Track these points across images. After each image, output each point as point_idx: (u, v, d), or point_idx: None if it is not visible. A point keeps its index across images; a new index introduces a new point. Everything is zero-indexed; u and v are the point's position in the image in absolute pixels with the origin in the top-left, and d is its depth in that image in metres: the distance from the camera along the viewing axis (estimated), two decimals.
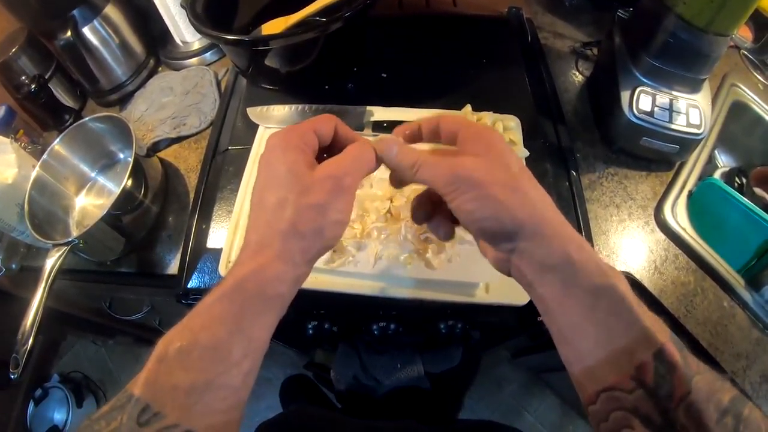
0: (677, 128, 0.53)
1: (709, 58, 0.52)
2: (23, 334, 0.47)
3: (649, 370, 0.21)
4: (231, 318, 0.23)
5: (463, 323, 0.49)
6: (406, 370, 0.56)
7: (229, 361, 0.22)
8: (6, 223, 0.57)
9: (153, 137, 0.64)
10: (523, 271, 0.25)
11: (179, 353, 0.22)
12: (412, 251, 0.43)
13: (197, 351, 0.22)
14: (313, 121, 0.27)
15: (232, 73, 0.66)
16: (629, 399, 0.21)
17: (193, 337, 0.22)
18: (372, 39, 0.61)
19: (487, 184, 0.24)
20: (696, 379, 0.21)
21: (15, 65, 0.66)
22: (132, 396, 0.21)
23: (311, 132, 0.27)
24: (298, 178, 0.24)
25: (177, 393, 0.21)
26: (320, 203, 0.24)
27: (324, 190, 0.24)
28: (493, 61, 0.62)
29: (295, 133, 0.26)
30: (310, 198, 0.24)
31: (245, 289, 0.23)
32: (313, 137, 0.27)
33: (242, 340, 0.23)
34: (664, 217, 0.54)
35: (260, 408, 1.14)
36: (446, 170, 0.25)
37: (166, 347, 0.22)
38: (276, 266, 0.24)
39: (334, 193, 0.25)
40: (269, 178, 0.25)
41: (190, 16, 0.54)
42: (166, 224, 0.58)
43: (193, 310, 0.23)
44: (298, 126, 0.27)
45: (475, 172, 0.24)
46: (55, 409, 1.16)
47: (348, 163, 0.26)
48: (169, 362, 0.21)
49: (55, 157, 0.59)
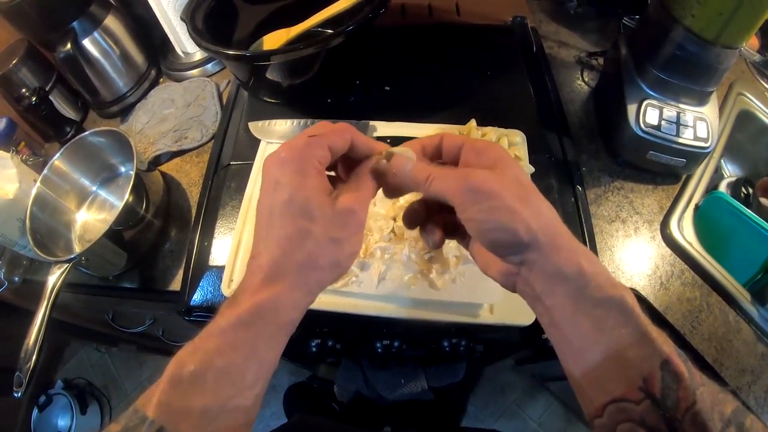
0: (684, 142, 0.53)
1: (717, 70, 0.51)
2: (26, 352, 0.47)
3: (657, 380, 0.21)
4: (246, 344, 0.23)
5: (467, 341, 0.48)
6: (410, 386, 0.56)
7: (243, 385, 0.22)
8: (8, 238, 0.56)
9: (154, 150, 0.63)
10: (533, 283, 0.24)
11: (193, 377, 0.22)
12: (416, 271, 0.43)
13: (212, 375, 0.22)
14: (328, 137, 0.26)
15: (233, 84, 0.66)
16: (637, 410, 0.21)
17: (207, 361, 0.22)
18: (375, 49, 0.60)
19: (500, 194, 0.24)
20: (700, 390, 0.21)
21: (15, 77, 0.66)
22: (146, 418, 0.21)
23: (326, 149, 0.26)
24: (320, 210, 0.24)
25: (191, 416, 0.21)
26: (341, 238, 0.24)
27: (345, 224, 0.25)
28: (497, 72, 0.61)
29: (314, 156, 0.25)
30: (331, 232, 0.24)
31: (261, 317, 0.23)
32: (328, 155, 0.26)
33: (255, 365, 0.23)
34: (670, 231, 0.54)
35: (265, 415, 1.14)
36: (459, 182, 0.25)
37: (180, 369, 0.22)
38: (292, 296, 0.24)
39: (353, 227, 0.25)
40: (287, 203, 0.24)
41: (190, 29, 0.53)
42: (168, 239, 0.58)
43: (205, 331, 0.23)
44: (313, 143, 0.25)
45: (487, 183, 0.24)
46: (59, 415, 1.17)
47: (366, 195, 0.26)
48: (184, 385, 0.22)
49: (55, 172, 0.58)
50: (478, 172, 0.25)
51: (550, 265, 0.23)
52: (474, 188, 0.24)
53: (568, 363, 0.25)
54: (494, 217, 0.24)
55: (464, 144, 0.27)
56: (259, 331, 0.23)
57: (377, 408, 0.65)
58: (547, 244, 0.23)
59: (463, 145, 0.27)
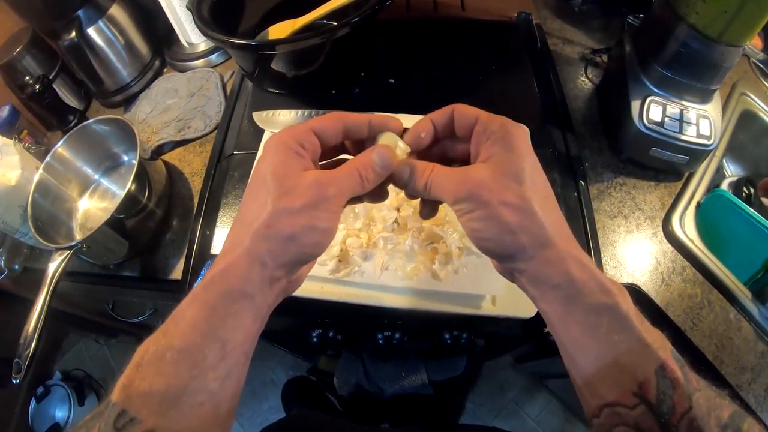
0: (687, 139, 0.53)
1: (721, 68, 0.51)
2: (26, 338, 0.47)
3: (651, 386, 0.21)
4: (202, 321, 0.22)
5: (468, 333, 0.48)
6: (410, 379, 0.56)
7: (204, 365, 0.22)
8: (9, 225, 0.56)
9: (157, 140, 0.63)
10: (526, 287, 0.25)
11: (153, 358, 0.22)
12: (419, 262, 0.43)
13: (170, 355, 0.21)
14: (313, 122, 0.26)
15: (238, 75, 0.66)
16: (632, 415, 0.21)
17: (167, 342, 0.22)
18: (379, 42, 0.60)
19: (492, 204, 0.23)
20: (696, 395, 0.21)
21: (19, 65, 0.66)
22: (109, 402, 0.21)
23: (309, 133, 0.25)
24: (281, 181, 0.24)
25: (152, 398, 0.21)
26: (297, 208, 0.23)
27: (305, 195, 0.23)
28: (501, 67, 0.61)
29: (289, 135, 0.25)
30: (287, 201, 0.23)
31: (213, 290, 0.23)
32: (312, 139, 0.25)
33: (216, 343, 0.22)
34: (672, 228, 0.54)
35: (262, 409, 1.14)
36: (455, 186, 0.25)
37: (142, 353, 0.22)
38: (242, 265, 0.23)
39: (315, 200, 0.24)
40: (255, 180, 0.25)
41: (196, 18, 0.53)
42: (170, 228, 0.58)
43: (171, 314, 0.23)
44: (295, 127, 0.26)
45: (482, 189, 0.24)
46: (57, 406, 1.16)
47: (340, 174, 0.25)
48: (144, 367, 0.21)
49: (58, 160, 0.58)
50: (475, 172, 0.24)
51: (539, 274, 0.24)
52: (469, 194, 0.24)
53: (566, 363, 0.25)
54: (485, 228, 0.24)
55: (478, 120, 0.26)
56: (214, 307, 0.22)
57: (376, 403, 0.64)
58: (536, 255, 0.23)
59: (477, 122, 0.26)
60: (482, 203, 0.23)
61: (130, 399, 0.21)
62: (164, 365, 0.21)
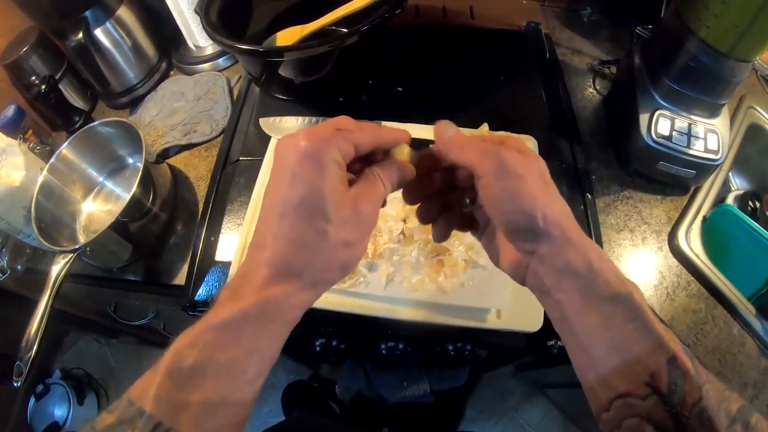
0: (695, 153, 0.53)
1: (730, 83, 0.51)
2: (27, 342, 0.47)
3: (663, 376, 0.21)
4: (249, 340, 0.22)
5: (472, 345, 0.48)
6: (412, 389, 0.56)
7: (243, 380, 0.22)
8: (12, 226, 0.56)
9: (163, 143, 0.63)
10: (543, 276, 0.24)
11: (193, 370, 0.21)
12: (424, 274, 0.43)
13: (212, 369, 0.21)
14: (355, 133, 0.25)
15: (245, 80, 0.66)
16: (643, 406, 0.22)
17: (208, 355, 0.21)
18: (388, 49, 0.60)
19: (525, 177, 0.24)
20: (706, 387, 0.21)
21: (25, 64, 0.66)
22: (143, 412, 0.21)
23: (351, 146, 0.24)
24: (336, 210, 0.23)
25: (189, 410, 0.21)
26: (354, 241, 0.24)
27: (359, 227, 0.24)
28: (510, 76, 0.61)
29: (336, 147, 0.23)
30: (345, 235, 0.24)
31: (267, 314, 0.23)
32: (352, 152, 0.25)
33: (257, 360, 0.23)
34: (678, 242, 0.54)
35: (262, 412, 1.14)
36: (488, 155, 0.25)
37: (178, 362, 0.21)
38: (301, 296, 0.24)
39: (366, 230, 0.25)
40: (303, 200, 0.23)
41: (204, 23, 0.53)
42: (174, 233, 0.58)
43: (205, 322, 0.22)
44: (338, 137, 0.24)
45: (516, 163, 0.24)
46: (56, 405, 1.16)
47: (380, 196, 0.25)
48: (182, 379, 0.21)
49: (62, 161, 0.58)
50: (509, 150, 0.25)
51: (560, 259, 0.24)
52: (503, 164, 0.24)
53: (576, 357, 0.25)
54: (516, 198, 0.24)
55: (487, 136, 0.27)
56: (263, 328, 0.23)
57: (377, 409, 0.64)
58: (560, 237, 0.24)
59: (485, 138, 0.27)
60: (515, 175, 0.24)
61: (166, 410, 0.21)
62: (204, 380, 0.21)
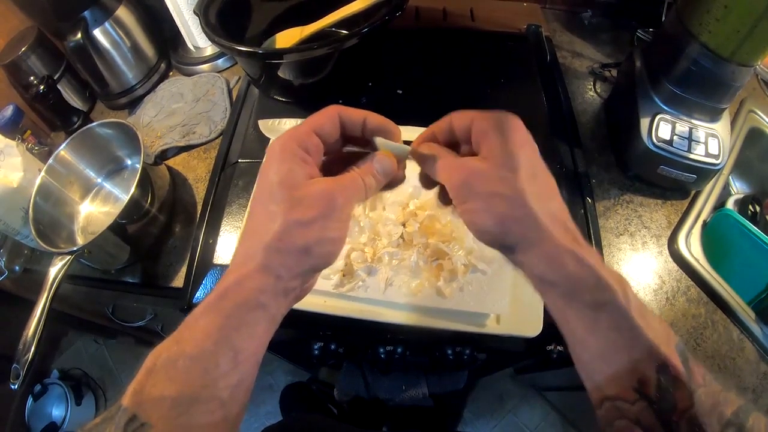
0: (696, 158, 0.52)
1: (731, 87, 0.51)
2: (25, 344, 0.47)
3: (651, 383, 0.21)
4: (216, 329, 0.22)
5: (471, 350, 0.48)
6: (411, 392, 0.55)
7: (216, 373, 0.22)
8: (10, 227, 0.56)
9: (161, 144, 0.63)
10: (529, 280, 0.25)
11: (165, 364, 0.22)
12: (424, 279, 0.43)
13: (183, 362, 0.22)
14: (312, 121, 0.25)
15: (244, 81, 0.65)
16: (632, 410, 0.22)
17: (179, 349, 0.22)
18: (388, 51, 0.60)
19: (483, 194, 0.24)
20: (699, 392, 0.21)
21: (24, 64, 0.66)
22: (120, 406, 0.21)
23: (311, 135, 0.25)
24: (290, 191, 0.23)
25: (163, 404, 0.21)
26: (308, 219, 0.23)
27: (315, 206, 0.23)
28: (510, 79, 0.61)
29: (293, 140, 0.24)
30: (298, 213, 0.23)
31: (228, 299, 0.23)
32: (315, 140, 0.25)
33: (229, 352, 0.22)
34: (678, 247, 0.54)
35: (260, 413, 1.13)
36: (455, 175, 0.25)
37: (154, 359, 0.22)
38: (257, 278, 0.23)
39: (325, 210, 0.23)
40: (263, 189, 0.25)
41: (203, 24, 0.53)
42: (172, 235, 0.57)
43: (183, 322, 0.23)
44: (297, 129, 0.25)
45: (475, 178, 0.24)
46: (54, 405, 1.16)
47: (346, 183, 0.25)
48: (156, 373, 0.22)
49: (60, 163, 0.58)
50: (473, 164, 0.24)
51: (536, 269, 0.23)
52: (466, 185, 0.24)
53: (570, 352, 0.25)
54: (478, 219, 0.24)
55: (473, 122, 0.25)
56: (228, 316, 0.23)
57: (375, 411, 0.64)
58: (532, 248, 0.23)
59: (472, 123, 0.26)
60: (474, 193, 0.24)
61: (141, 404, 0.21)
62: (176, 372, 0.21)
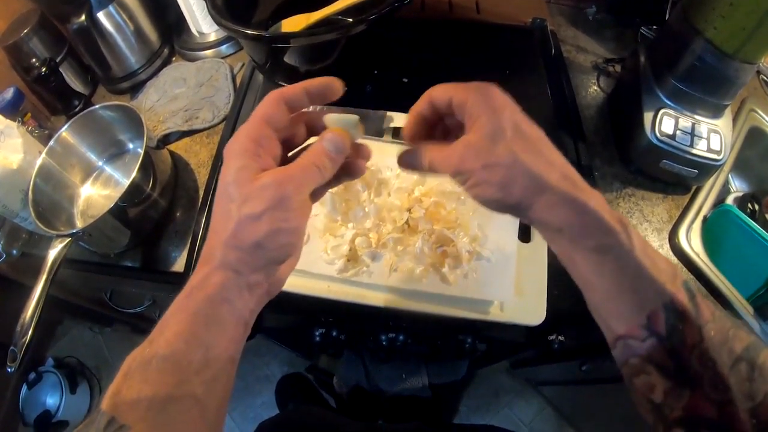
0: (698, 153, 0.53)
1: (735, 84, 0.52)
2: (22, 326, 0.46)
3: (660, 319, 0.22)
4: (185, 327, 0.23)
5: (473, 338, 0.48)
6: (410, 381, 0.55)
7: (189, 371, 0.22)
8: (9, 209, 0.55)
9: (164, 129, 0.63)
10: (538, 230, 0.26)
11: (140, 366, 0.22)
12: (428, 265, 0.43)
13: (156, 362, 0.22)
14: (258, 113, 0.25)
15: (248, 68, 0.65)
16: (642, 347, 0.23)
17: (152, 351, 0.23)
18: (394, 40, 0.60)
19: (477, 170, 0.24)
20: (708, 327, 0.22)
21: (26, 47, 0.65)
22: (99, 410, 0.22)
23: (261, 126, 0.25)
24: (241, 187, 0.23)
25: (139, 405, 0.21)
26: (258, 214, 0.23)
27: (263, 198, 0.23)
28: (515, 72, 0.61)
29: (245, 136, 0.24)
30: (248, 208, 0.23)
31: (193, 297, 0.24)
32: (266, 132, 0.25)
33: (199, 348, 0.23)
34: (678, 241, 0.54)
35: (255, 404, 1.13)
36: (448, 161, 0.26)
37: (130, 362, 0.23)
38: (219, 274, 0.24)
39: (274, 201, 0.23)
40: (220, 190, 0.25)
41: (210, 7, 0.53)
42: (173, 220, 0.57)
43: (156, 326, 0.24)
44: (246, 125, 0.25)
45: (465, 159, 0.25)
46: (48, 393, 1.15)
47: (295, 169, 0.24)
48: (131, 375, 0.22)
49: (62, 144, 0.57)
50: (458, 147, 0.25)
51: (543, 219, 0.24)
52: (459, 169, 0.25)
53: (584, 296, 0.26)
54: (481, 192, 0.25)
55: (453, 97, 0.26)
56: (194, 313, 0.23)
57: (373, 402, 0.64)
58: (535, 203, 0.24)
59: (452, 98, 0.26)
60: (469, 171, 0.25)
61: (118, 407, 0.21)
62: (150, 373, 0.22)
